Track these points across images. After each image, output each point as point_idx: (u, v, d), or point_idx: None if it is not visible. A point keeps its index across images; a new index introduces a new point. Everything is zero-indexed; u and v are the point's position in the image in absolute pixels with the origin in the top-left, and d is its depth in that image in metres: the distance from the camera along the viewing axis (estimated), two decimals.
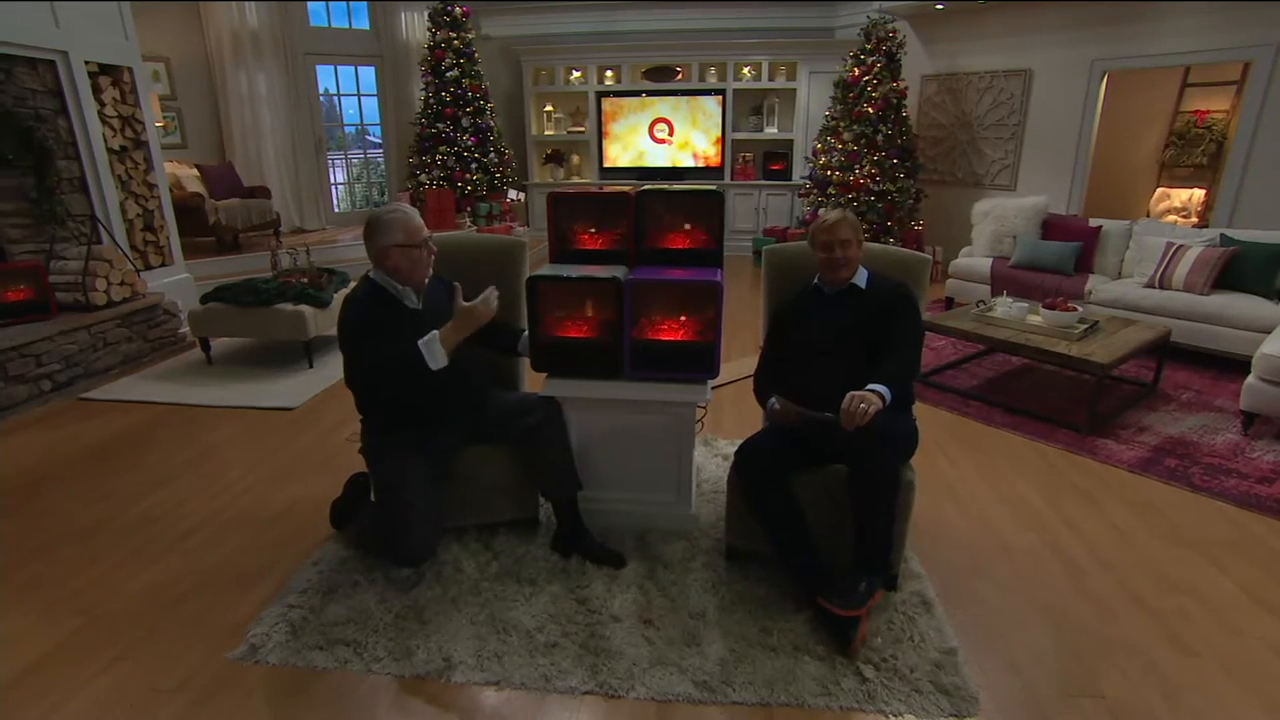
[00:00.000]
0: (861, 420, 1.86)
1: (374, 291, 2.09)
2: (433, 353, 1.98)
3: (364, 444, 2.23)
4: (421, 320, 2.05)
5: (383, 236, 2.04)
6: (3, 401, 3.60)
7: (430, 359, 1.97)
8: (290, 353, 4.34)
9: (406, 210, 2.10)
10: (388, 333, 2.01)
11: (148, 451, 3.21)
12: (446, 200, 6.98)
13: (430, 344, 1.98)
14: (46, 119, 4.18)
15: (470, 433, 2.23)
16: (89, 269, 4.13)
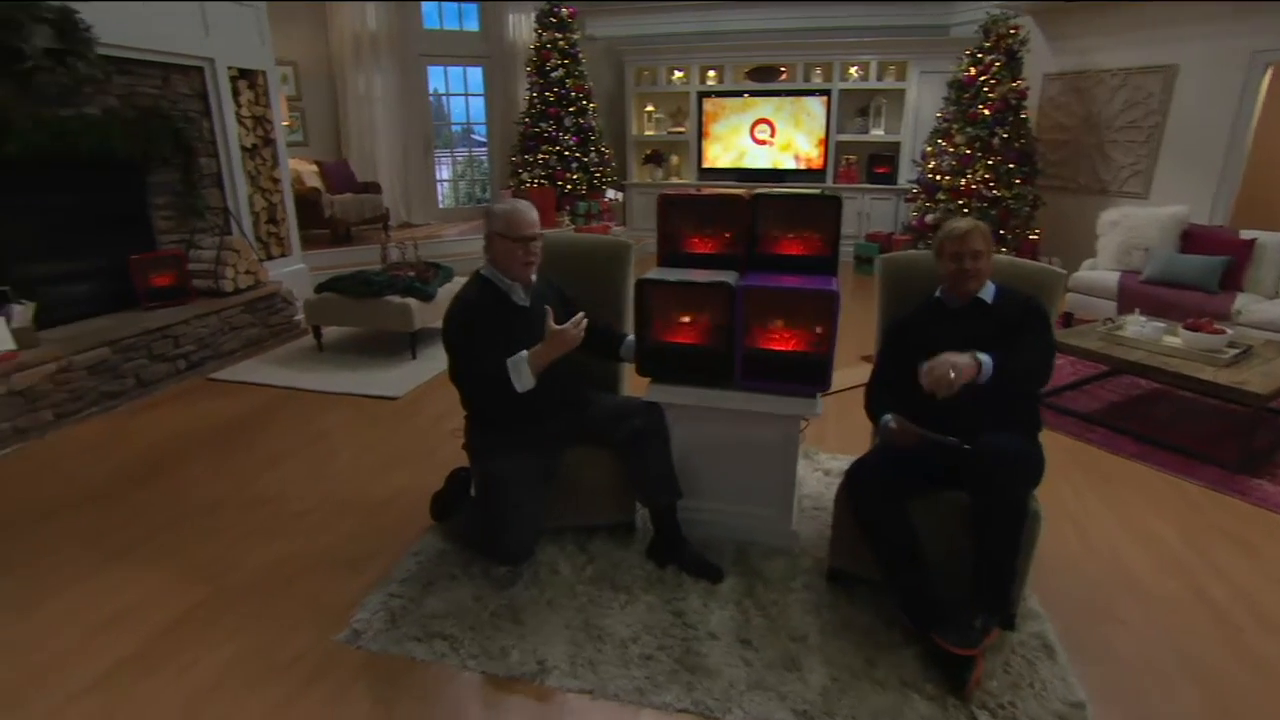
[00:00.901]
0: (948, 390, 1.72)
1: (482, 287, 2.11)
2: (519, 374, 1.99)
3: (468, 439, 2.25)
4: (528, 319, 2.05)
5: (491, 223, 2.10)
6: (146, 378, 3.88)
7: (517, 380, 1.98)
8: (395, 343, 4.49)
9: (518, 206, 2.10)
10: (493, 331, 2.01)
11: (265, 433, 3.38)
12: (547, 199, 7.07)
13: (518, 365, 1.99)
14: (193, 120, 4.50)
15: (573, 434, 2.22)
16: (221, 258, 4.41)
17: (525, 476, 2.07)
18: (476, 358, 2.00)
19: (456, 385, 2.15)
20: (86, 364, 3.57)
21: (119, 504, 2.73)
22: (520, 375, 1.97)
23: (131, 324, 3.87)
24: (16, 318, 3.43)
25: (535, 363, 1.99)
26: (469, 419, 2.25)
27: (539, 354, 1.99)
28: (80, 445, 3.28)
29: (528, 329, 2.02)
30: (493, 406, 2.11)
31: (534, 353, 1.99)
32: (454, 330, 2.06)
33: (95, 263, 4.07)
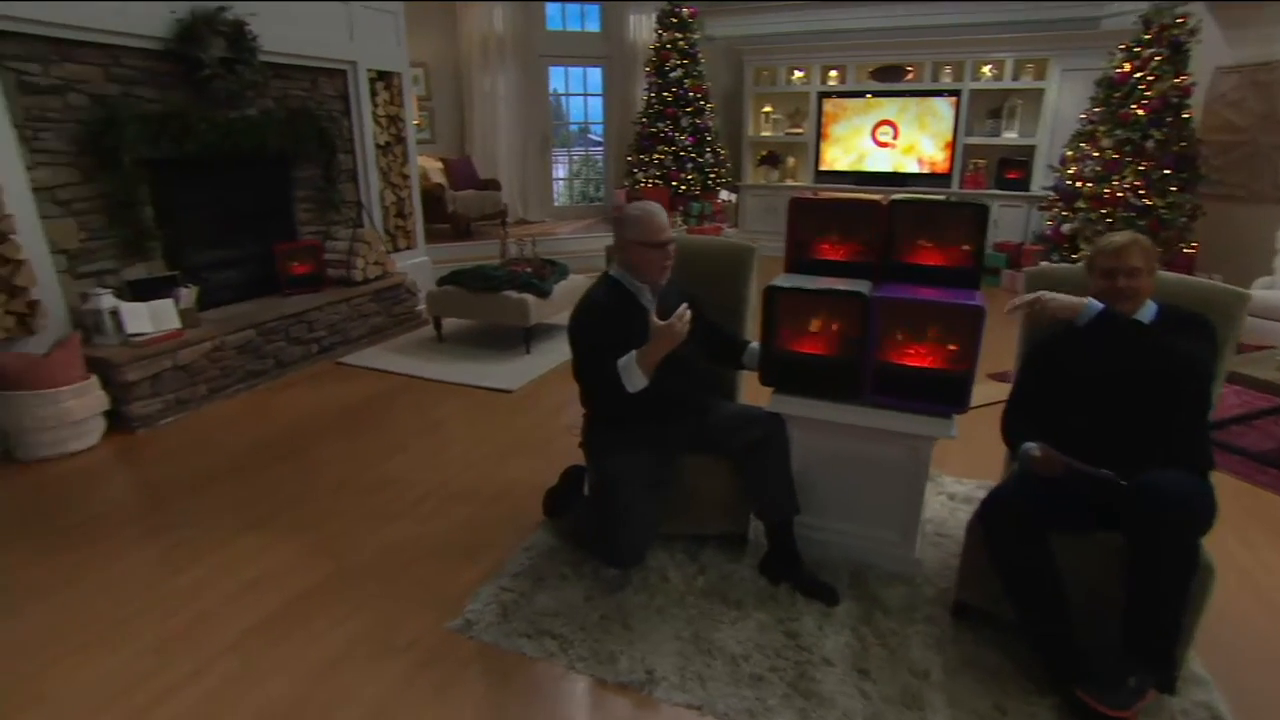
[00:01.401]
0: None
1: (611, 289, 2.11)
2: (630, 374, 1.96)
3: (585, 438, 2.25)
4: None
5: (625, 230, 2.07)
6: (284, 359, 4.16)
7: (628, 380, 1.96)
8: (511, 337, 4.60)
9: (652, 210, 2.08)
10: (619, 333, 2.00)
11: (387, 418, 3.53)
12: (661, 199, 7.04)
13: (628, 366, 1.96)
14: (335, 119, 4.78)
15: (692, 440, 2.18)
16: (353, 249, 4.67)
17: (641, 480, 2.05)
18: (597, 359, 2.00)
19: (578, 382, 2.16)
20: (235, 344, 3.86)
21: (258, 476, 2.92)
22: (630, 376, 1.95)
23: (273, 309, 4.16)
24: (183, 300, 3.75)
25: (644, 362, 1.96)
26: (588, 418, 2.25)
27: (647, 352, 1.96)
28: (227, 419, 3.55)
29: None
30: (611, 408, 2.10)
31: (641, 352, 1.97)
32: (580, 329, 2.07)
33: (246, 251, 4.40)
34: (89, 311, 3.46)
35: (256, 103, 4.18)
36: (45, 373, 3.10)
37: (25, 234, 3.18)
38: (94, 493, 2.85)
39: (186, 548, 2.42)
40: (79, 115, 3.40)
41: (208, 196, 4.12)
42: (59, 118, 3.34)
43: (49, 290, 3.33)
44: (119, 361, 3.32)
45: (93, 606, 2.12)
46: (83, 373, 3.23)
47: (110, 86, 3.51)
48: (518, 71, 7.67)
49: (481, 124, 7.70)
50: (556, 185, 8.52)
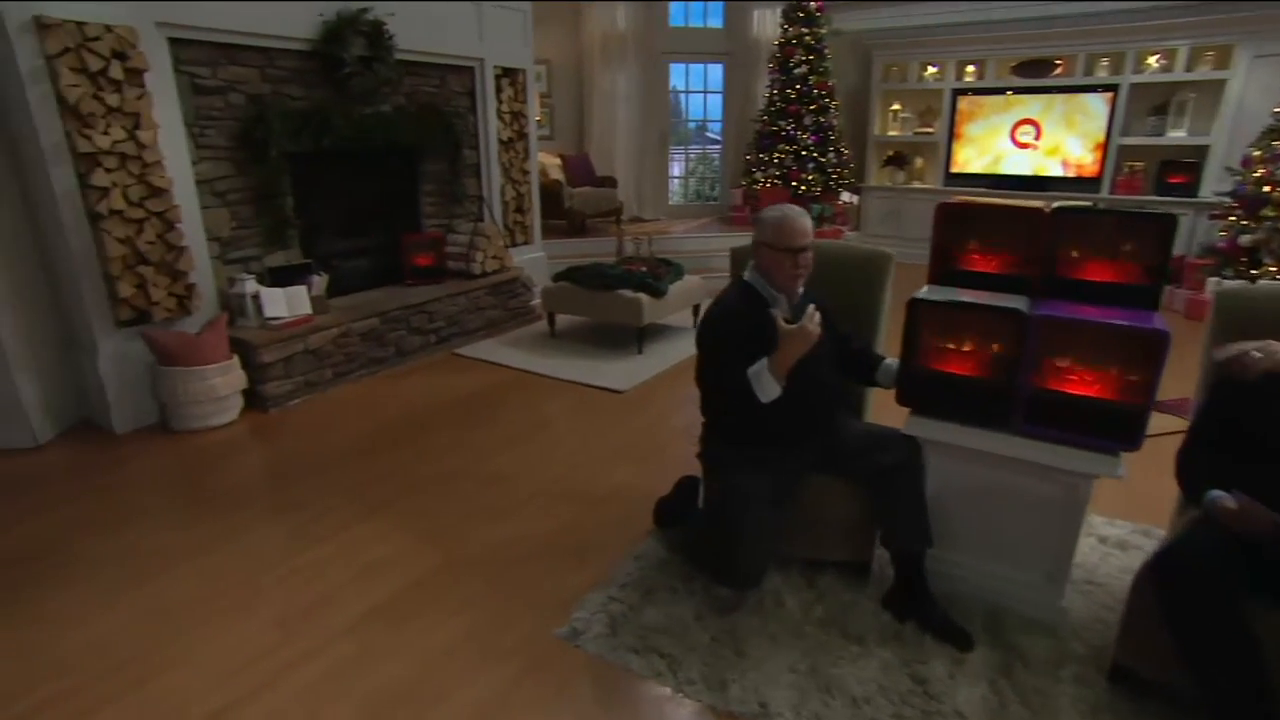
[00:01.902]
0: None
1: (744, 294, 2.02)
2: (761, 383, 1.86)
3: (704, 449, 2.18)
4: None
5: (759, 232, 1.98)
6: (404, 348, 4.33)
7: (759, 389, 1.85)
8: (623, 337, 4.59)
9: (789, 214, 1.97)
10: (751, 342, 1.91)
11: (499, 411, 3.59)
12: (780, 199, 6.83)
13: (759, 375, 1.86)
14: (462, 115, 4.93)
15: (818, 460, 2.05)
16: (473, 243, 4.79)
17: (763, 500, 1.95)
18: (725, 365, 1.91)
19: (701, 389, 2.09)
20: (360, 331, 4.05)
21: (376, 461, 3.04)
22: (762, 384, 1.85)
23: (396, 298, 4.33)
24: (316, 287, 3.97)
25: (775, 368, 1.86)
26: (707, 427, 2.17)
27: (777, 358, 1.86)
28: (350, 403, 3.73)
29: None
30: (737, 419, 2.01)
31: (772, 358, 1.86)
32: (710, 334, 1.99)
33: (373, 241, 4.62)
34: (234, 295, 3.72)
35: (390, 99, 4.37)
36: (197, 351, 3.35)
37: (187, 223, 3.45)
38: (230, 467, 3.05)
39: (310, 527, 2.53)
40: (236, 113, 3.66)
41: (341, 188, 4.34)
42: (220, 116, 3.61)
43: (203, 275, 3.60)
44: (258, 343, 3.54)
45: (225, 577, 2.25)
46: (227, 353, 3.48)
47: (264, 86, 3.76)
48: (638, 69, 7.68)
49: (600, 121, 7.76)
50: (672, 184, 8.48)
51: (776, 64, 7.11)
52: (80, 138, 3.00)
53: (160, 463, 3.07)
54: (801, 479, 2.06)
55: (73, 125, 2.99)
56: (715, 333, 1.97)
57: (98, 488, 2.84)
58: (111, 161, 3.11)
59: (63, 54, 2.93)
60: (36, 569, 2.31)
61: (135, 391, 3.38)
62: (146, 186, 3.24)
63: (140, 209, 3.24)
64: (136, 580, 2.25)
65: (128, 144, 3.14)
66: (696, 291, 4.76)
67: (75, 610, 2.11)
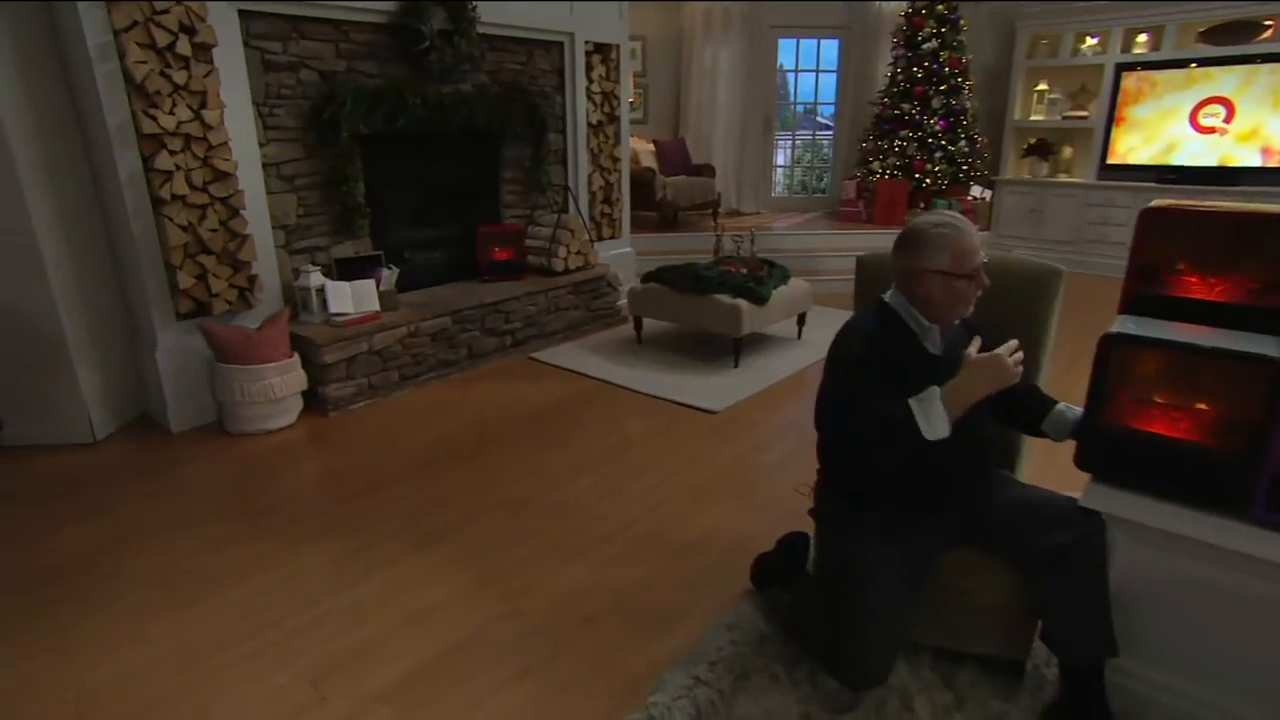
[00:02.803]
0: None
1: (886, 322, 1.70)
2: (929, 416, 1.52)
3: (819, 504, 1.88)
4: (939, 372, 1.59)
5: (923, 255, 1.63)
6: (477, 350, 4.21)
7: (925, 424, 1.52)
8: (717, 348, 4.33)
9: (961, 227, 1.64)
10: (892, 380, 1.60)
11: (575, 428, 3.40)
12: (899, 192, 6.51)
13: (927, 404, 1.53)
14: (548, 95, 4.78)
15: (963, 528, 1.72)
16: (556, 236, 4.64)
17: (892, 576, 1.64)
18: (863, 402, 1.60)
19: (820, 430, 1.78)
20: (430, 331, 3.95)
21: (437, 480, 2.89)
22: (930, 417, 1.52)
23: (470, 295, 4.22)
24: (384, 281, 3.90)
25: (953, 403, 1.54)
26: (825, 479, 1.87)
27: (959, 390, 1.54)
28: (415, 409, 3.62)
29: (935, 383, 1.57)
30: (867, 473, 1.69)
31: (951, 388, 1.54)
32: (847, 363, 1.66)
33: (447, 232, 4.54)
34: (298, 288, 3.69)
35: (470, 77, 4.25)
36: (256, 348, 3.30)
37: (252, 209, 3.42)
38: (282, 478, 2.97)
39: (358, 558, 2.39)
40: (307, 91, 3.61)
41: (415, 174, 4.27)
42: (290, 94, 3.57)
43: (266, 266, 3.57)
44: (320, 342, 3.48)
45: (262, 612, 2.13)
46: (288, 350, 3.43)
47: (338, 62, 3.71)
48: (743, 44, 7.40)
49: (698, 103, 7.54)
50: (776, 173, 8.16)
51: (902, 38, 6.67)
52: (145, 118, 2.99)
53: (212, 468, 3.03)
54: (941, 552, 1.73)
55: (139, 104, 2.99)
56: (850, 367, 1.65)
57: (146, 494, 2.81)
58: (176, 143, 3.10)
59: (130, 28, 2.92)
60: (74, 585, 2.26)
61: (194, 388, 3.38)
62: (211, 170, 3.22)
63: (203, 194, 3.22)
64: (172, 605, 2.16)
65: (193, 124, 3.12)
66: (803, 298, 4.43)
67: (107, 637, 2.03)
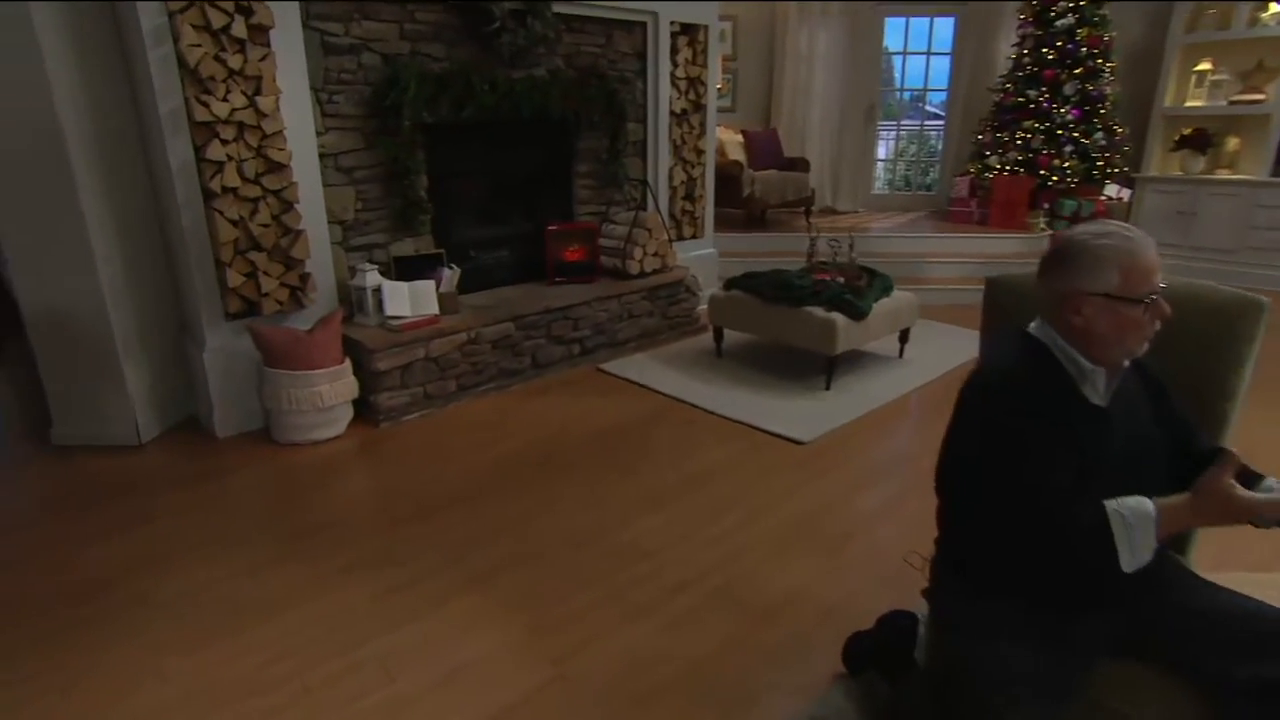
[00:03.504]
0: None
1: (1036, 360, 1.41)
2: (1136, 543, 1.23)
3: (935, 584, 1.60)
4: (1100, 429, 1.30)
5: (1084, 275, 1.33)
6: (542, 360, 4.08)
7: (1128, 551, 1.23)
8: (806, 365, 4.06)
9: (1134, 238, 1.34)
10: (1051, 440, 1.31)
11: (645, 453, 3.20)
12: (1019, 191, 6.07)
13: (1138, 530, 1.23)
14: (628, 81, 4.61)
15: (1130, 637, 1.42)
16: (632, 236, 4.45)
17: (1032, 686, 1.35)
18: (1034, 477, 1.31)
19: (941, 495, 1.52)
20: (492, 338, 3.83)
21: (492, 508, 2.74)
22: (1137, 546, 1.23)
23: (536, 299, 4.08)
24: (445, 282, 3.80)
25: (1172, 524, 1.26)
26: (944, 548, 1.59)
27: (1179, 515, 1.25)
28: (472, 423, 3.51)
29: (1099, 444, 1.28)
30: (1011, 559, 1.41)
31: (1169, 510, 1.25)
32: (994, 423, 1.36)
33: (514, 229, 4.45)
34: (354, 288, 3.62)
35: (544, 60, 4.12)
36: (306, 352, 3.24)
37: (307, 203, 3.36)
38: (327, 496, 2.88)
39: (400, 596, 2.26)
40: (369, 76, 3.54)
41: (481, 166, 4.18)
42: (351, 79, 3.50)
43: (321, 263, 3.51)
44: (373, 347, 3.40)
45: (287, 657, 2.01)
46: (339, 355, 3.36)
47: (402, 45, 3.62)
48: (844, 24, 7.09)
49: (792, 90, 7.26)
50: (876, 168, 7.81)
51: (1031, 14, 6.21)
52: (198, 105, 2.96)
53: (254, 480, 2.98)
54: (1096, 661, 1.43)
55: (192, 90, 2.95)
56: (1005, 422, 1.35)
57: (184, 506, 2.77)
58: (229, 132, 3.05)
59: (186, 9, 2.89)
60: (99, 607, 2.21)
61: (241, 392, 3.36)
62: (264, 161, 3.17)
63: (256, 186, 3.17)
64: (196, 641, 2.07)
65: (247, 112, 3.08)
66: (907, 311, 4.11)
67: (122, 675, 1.95)
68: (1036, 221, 6.12)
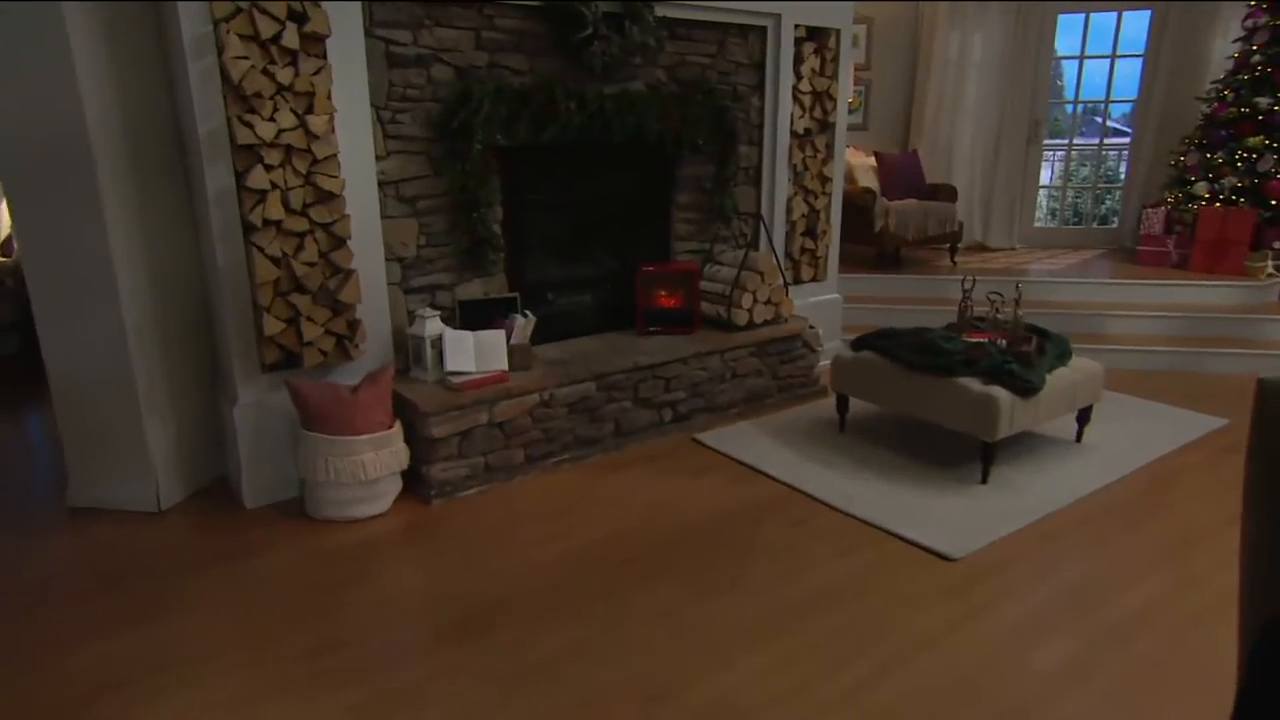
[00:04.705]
0: None
1: None
2: None
3: None
4: None
5: None
6: (626, 426, 3.82)
7: None
8: (954, 449, 3.64)
9: None
10: None
11: (748, 562, 2.83)
12: (1237, 226, 5.59)
13: None
14: (742, 96, 4.39)
15: None
16: (740, 280, 4.17)
17: None
18: None
19: None
20: (568, 400, 3.60)
21: (551, 629, 2.44)
22: None
23: (623, 354, 3.85)
24: (517, 333, 3.60)
25: None
26: None
27: None
28: (539, 505, 3.26)
29: None
30: None
31: None
32: None
33: (601, 269, 4.29)
34: (412, 337, 3.47)
35: (642, 73, 3.95)
36: (349, 413, 3.07)
37: (361, 237, 3.23)
38: (360, 595, 2.65)
39: None
40: (439, 92, 3.41)
41: (563, 197, 4.03)
42: (418, 95, 3.39)
43: (375, 307, 3.38)
44: (428, 409, 3.20)
45: None
46: (388, 418, 3.19)
47: (478, 55, 3.50)
48: (1006, 25, 6.77)
49: (938, 104, 7.04)
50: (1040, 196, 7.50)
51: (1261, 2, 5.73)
52: (241, 125, 2.85)
53: (279, 569, 2.80)
54: None
55: (235, 109, 2.85)
56: None
57: (196, 600, 2.60)
58: (274, 156, 2.94)
59: (232, 16, 2.80)
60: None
61: (275, 456, 3.23)
62: (313, 190, 3.05)
63: (302, 219, 3.05)
64: None
65: (295, 133, 2.96)
66: (1089, 385, 3.61)
67: None
68: (1263, 265, 5.59)
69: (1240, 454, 1.39)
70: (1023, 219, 7.22)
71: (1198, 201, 5.96)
